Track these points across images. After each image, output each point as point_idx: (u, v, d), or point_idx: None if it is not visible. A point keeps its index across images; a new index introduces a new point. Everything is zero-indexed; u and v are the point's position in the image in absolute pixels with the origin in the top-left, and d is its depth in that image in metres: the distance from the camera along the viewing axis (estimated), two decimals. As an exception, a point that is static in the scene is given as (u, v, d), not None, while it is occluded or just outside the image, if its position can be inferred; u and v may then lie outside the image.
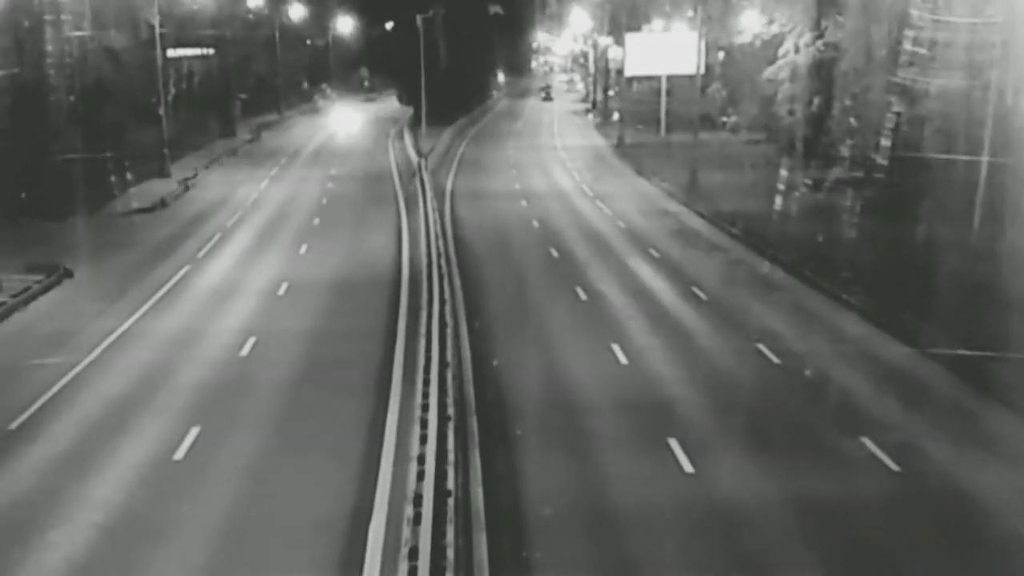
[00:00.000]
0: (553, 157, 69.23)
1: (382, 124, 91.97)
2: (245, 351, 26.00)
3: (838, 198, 42.67)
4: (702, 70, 59.60)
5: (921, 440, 19.96)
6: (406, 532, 14.74)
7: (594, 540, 16.24)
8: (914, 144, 36.74)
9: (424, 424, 18.31)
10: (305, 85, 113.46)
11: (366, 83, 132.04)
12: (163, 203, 49.26)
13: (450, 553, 14.13)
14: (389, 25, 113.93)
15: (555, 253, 38.33)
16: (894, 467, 18.78)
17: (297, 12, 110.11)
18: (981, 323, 24.85)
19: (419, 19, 76.84)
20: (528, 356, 25.44)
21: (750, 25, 66.58)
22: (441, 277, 29.76)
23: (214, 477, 18.47)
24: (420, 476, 16.10)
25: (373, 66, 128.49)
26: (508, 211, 48.09)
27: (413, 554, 13.75)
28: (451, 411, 19.27)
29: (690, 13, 73.88)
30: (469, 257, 37.38)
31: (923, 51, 36.12)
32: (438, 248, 34.11)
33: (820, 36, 51.73)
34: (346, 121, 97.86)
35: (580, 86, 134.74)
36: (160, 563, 15.48)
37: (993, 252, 29.20)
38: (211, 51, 79.66)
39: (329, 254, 37.90)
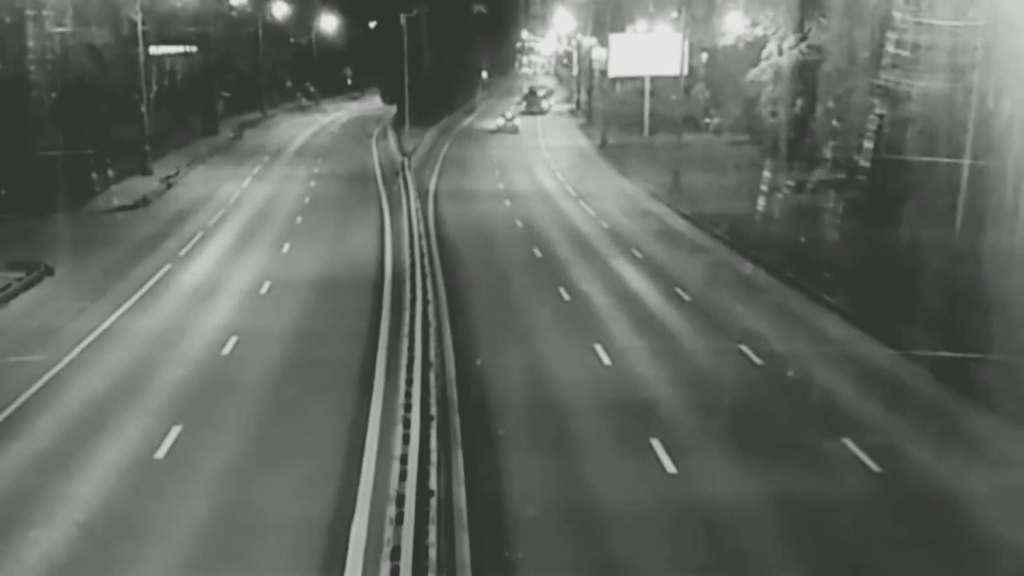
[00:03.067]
0: (537, 157, 69.22)
1: (365, 123, 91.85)
2: (227, 350, 25.91)
3: (821, 200, 42.78)
4: (686, 71, 59.66)
5: (902, 441, 20.05)
6: (388, 532, 14.71)
7: (577, 540, 16.26)
8: (896, 146, 36.84)
9: (407, 424, 18.27)
10: (288, 83, 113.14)
11: (350, 82, 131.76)
12: (145, 201, 49.01)
13: (432, 553, 14.12)
14: (373, 24, 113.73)
15: (538, 253, 38.34)
16: (875, 468, 18.86)
17: (280, 10, 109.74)
18: (963, 325, 24.98)
19: (403, 18, 76.74)
20: (511, 356, 25.46)
21: (734, 27, 66.70)
22: (424, 277, 29.72)
23: (195, 476, 18.40)
24: (402, 476, 16.08)
25: (357, 65, 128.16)
26: (492, 211, 48.06)
27: (395, 554, 13.73)
28: (434, 411, 19.24)
29: (674, 14, 74.01)
30: (452, 257, 37.35)
31: (906, 54, 36.25)
32: (421, 248, 34.03)
33: (803, 38, 51.83)
34: (329, 120, 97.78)
35: (553, 100, 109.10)
36: (141, 562, 15.41)
37: (975, 254, 29.28)
38: (194, 48, 79.34)
39: (312, 253, 37.80)
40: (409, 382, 20.48)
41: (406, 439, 17.55)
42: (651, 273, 34.86)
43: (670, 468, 18.80)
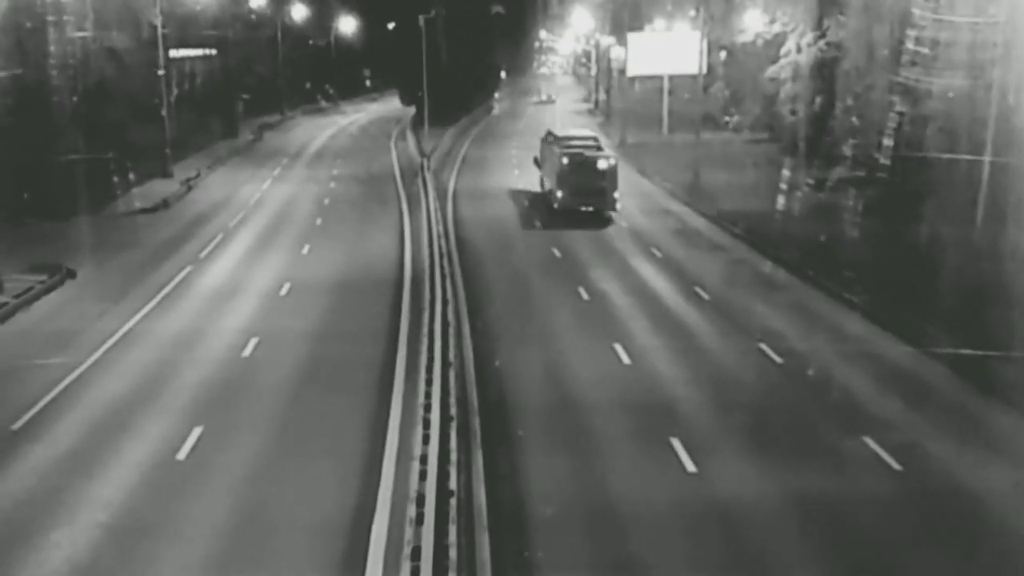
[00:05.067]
0: (555, 157, 69.01)
1: (384, 124, 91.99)
2: (248, 351, 26.01)
3: (840, 197, 42.67)
4: (704, 69, 59.56)
5: (923, 439, 19.97)
6: (408, 532, 14.75)
7: (596, 540, 16.25)
8: (916, 143, 36.70)
9: (426, 424, 18.31)
10: (307, 85, 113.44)
11: (368, 83, 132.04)
12: (165, 203, 49.24)
13: (453, 553, 14.15)
14: (391, 25, 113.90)
15: (557, 253, 38.32)
16: (896, 466, 18.78)
17: (299, 12, 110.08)
18: (984, 322, 24.84)
19: (421, 19, 76.82)
20: (530, 356, 25.46)
21: (752, 24, 66.58)
22: (443, 277, 29.77)
23: (217, 477, 18.48)
24: (423, 476, 16.11)
25: (375, 66, 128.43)
26: (511, 211, 48.05)
27: (416, 554, 13.75)
28: (453, 411, 19.29)
29: (692, 12, 73.83)
30: (471, 257, 37.37)
31: (925, 50, 36.09)
32: (440, 248, 34.10)
33: (822, 35, 51.72)
34: (348, 121, 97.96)
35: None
36: (163, 563, 15.48)
37: (995, 251, 29.17)
38: (213, 51, 79.66)
39: (331, 254, 37.91)
40: (429, 382, 20.53)
41: (426, 439, 17.58)
42: (670, 272, 34.82)
43: (690, 467, 18.77)
